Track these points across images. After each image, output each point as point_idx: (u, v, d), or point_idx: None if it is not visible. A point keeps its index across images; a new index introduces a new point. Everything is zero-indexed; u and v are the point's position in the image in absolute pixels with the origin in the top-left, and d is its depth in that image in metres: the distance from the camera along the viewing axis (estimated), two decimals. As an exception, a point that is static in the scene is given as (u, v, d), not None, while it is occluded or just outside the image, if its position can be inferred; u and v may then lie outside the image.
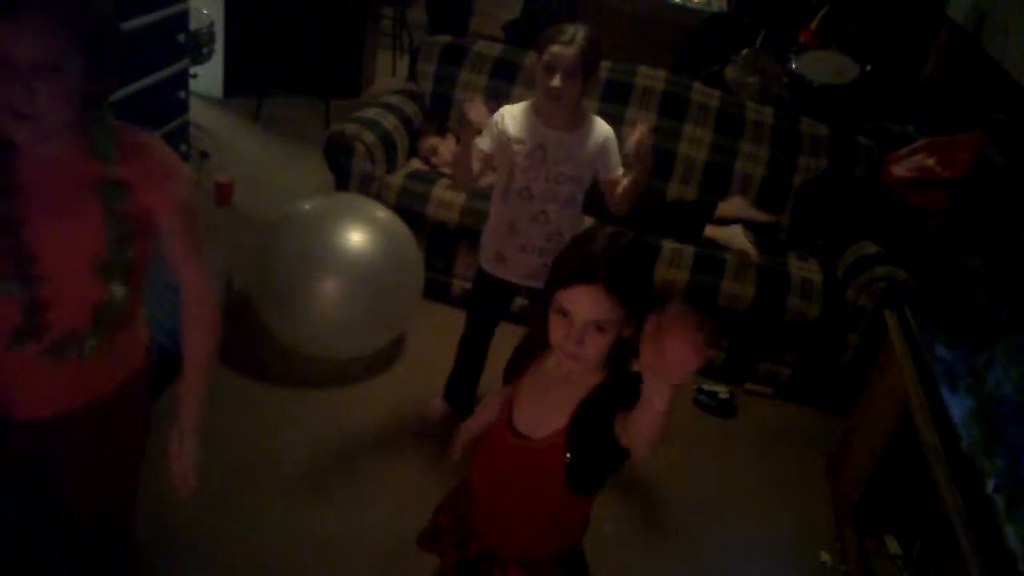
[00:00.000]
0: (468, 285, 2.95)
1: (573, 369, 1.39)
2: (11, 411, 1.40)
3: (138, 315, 1.48)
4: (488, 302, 2.60)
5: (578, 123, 2.32)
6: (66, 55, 1.18)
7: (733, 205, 3.48)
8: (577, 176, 2.33)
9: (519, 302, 2.75)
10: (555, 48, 2.17)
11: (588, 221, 3.26)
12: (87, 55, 1.20)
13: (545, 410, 1.44)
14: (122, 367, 1.48)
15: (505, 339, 2.68)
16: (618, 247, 1.33)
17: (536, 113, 2.31)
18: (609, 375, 1.39)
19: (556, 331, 1.35)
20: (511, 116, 2.33)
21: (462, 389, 2.79)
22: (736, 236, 3.34)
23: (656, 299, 1.36)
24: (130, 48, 3.01)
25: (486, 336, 2.67)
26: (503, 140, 2.31)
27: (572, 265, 1.34)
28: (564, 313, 1.33)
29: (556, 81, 2.17)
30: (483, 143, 2.31)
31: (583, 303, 1.31)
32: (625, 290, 1.30)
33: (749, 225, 3.42)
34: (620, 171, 2.36)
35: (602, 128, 2.35)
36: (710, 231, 3.39)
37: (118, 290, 1.37)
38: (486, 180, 2.43)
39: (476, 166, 2.32)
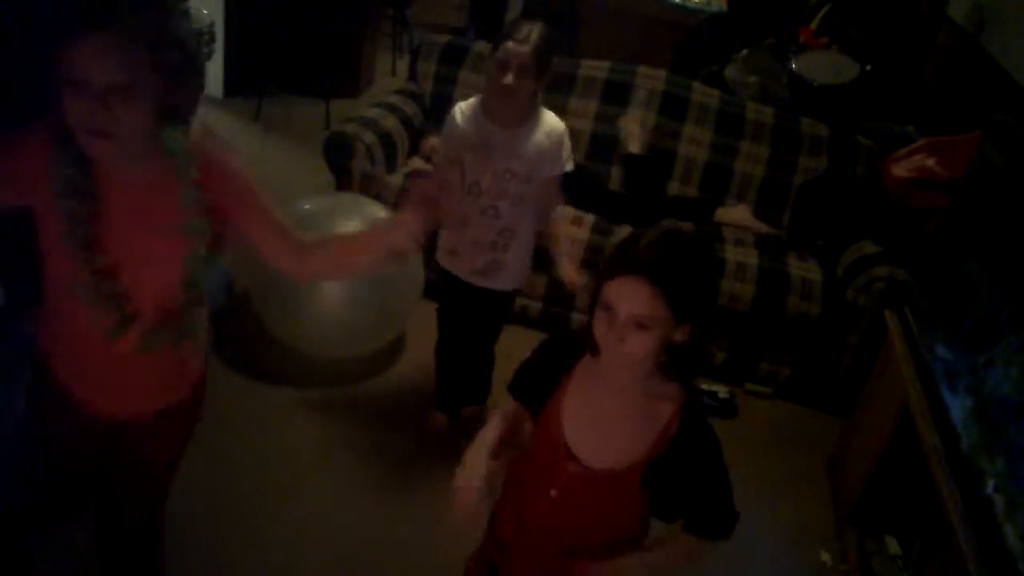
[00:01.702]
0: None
1: (622, 374, 1.33)
2: (83, 396, 1.49)
3: (198, 340, 1.55)
4: (453, 301, 2.57)
5: (526, 119, 2.28)
6: (140, 73, 1.21)
7: (734, 214, 3.48)
8: (524, 173, 2.30)
9: (519, 302, 2.75)
10: (509, 45, 2.15)
11: (574, 213, 3.28)
12: (160, 71, 1.24)
13: (609, 433, 1.36)
14: (190, 375, 1.57)
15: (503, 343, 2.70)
16: (667, 241, 1.26)
17: (484, 109, 2.29)
18: (684, 402, 1.34)
19: (599, 327, 1.28)
20: (462, 112, 2.32)
21: (450, 397, 2.76)
22: (745, 216, 3.37)
23: (711, 304, 1.34)
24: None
25: (460, 339, 2.63)
26: (455, 136, 2.31)
27: (619, 257, 1.28)
28: (607, 307, 1.26)
29: (508, 78, 2.15)
30: (451, 152, 2.32)
31: (625, 296, 1.24)
32: (671, 285, 1.23)
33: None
34: (566, 170, 2.33)
35: (554, 125, 2.32)
36: (719, 214, 3.41)
37: (195, 299, 1.45)
38: None
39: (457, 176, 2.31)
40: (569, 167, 2.35)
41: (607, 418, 1.37)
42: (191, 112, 1.38)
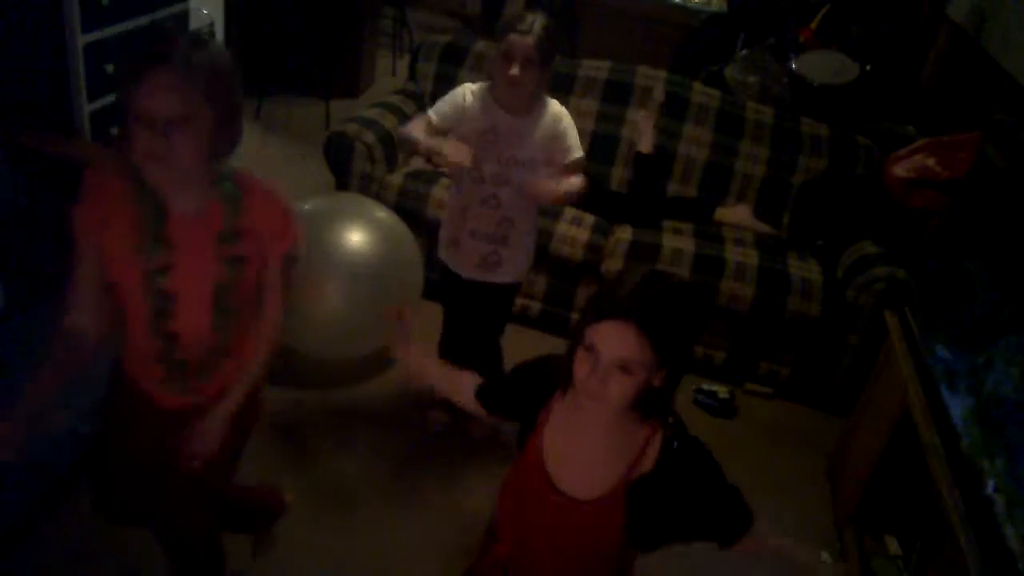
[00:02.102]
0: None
1: (599, 412, 1.32)
2: (153, 394, 1.67)
3: (253, 341, 1.68)
4: (456, 298, 2.58)
5: (532, 108, 2.30)
6: (197, 107, 1.36)
7: (734, 214, 3.48)
8: (529, 161, 2.31)
9: (519, 303, 2.75)
10: (513, 37, 2.16)
11: (574, 213, 3.28)
12: (214, 106, 1.39)
13: (589, 466, 1.37)
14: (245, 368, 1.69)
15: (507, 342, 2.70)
16: (657, 287, 1.25)
17: (492, 95, 2.31)
18: (665, 438, 1.34)
19: (580, 368, 1.26)
20: (472, 93, 2.33)
21: None
22: (745, 216, 3.37)
23: (690, 351, 1.34)
24: (130, 48, 3.01)
25: (463, 337, 2.63)
26: (462, 115, 2.30)
27: (605, 299, 1.26)
28: (591, 349, 1.25)
29: (514, 70, 2.17)
30: (441, 118, 2.31)
31: (611, 340, 1.23)
32: (658, 332, 1.22)
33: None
34: (575, 158, 2.33)
35: (558, 113, 2.33)
36: (719, 214, 3.41)
37: (225, 327, 1.60)
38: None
39: (426, 134, 2.31)
40: (580, 153, 2.35)
41: (586, 449, 1.37)
42: (232, 148, 1.52)
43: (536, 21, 2.17)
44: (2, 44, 2.67)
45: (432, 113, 2.34)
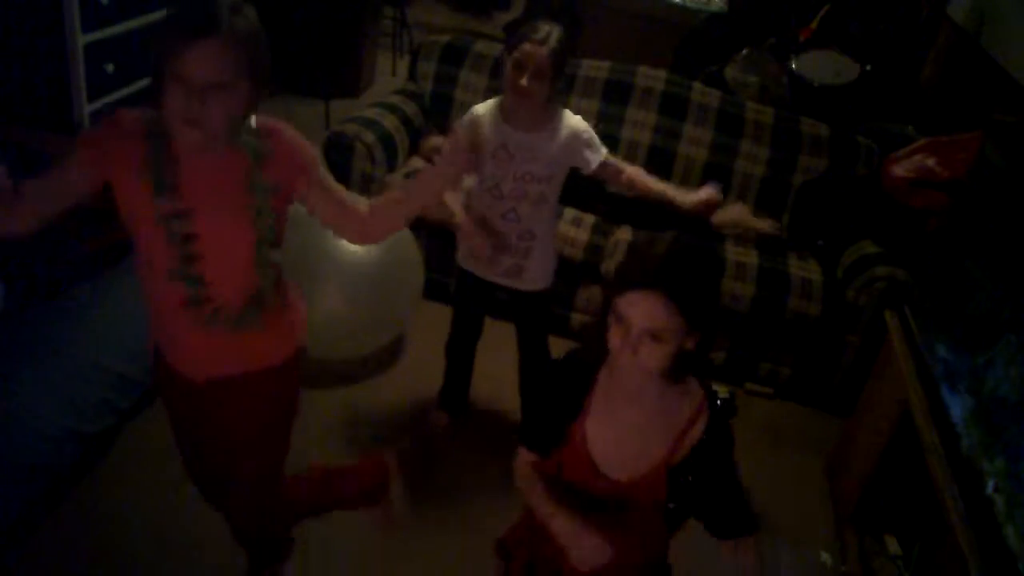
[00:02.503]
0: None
1: (637, 381, 1.34)
2: (180, 368, 1.67)
3: (286, 304, 1.70)
4: (471, 301, 2.58)
5: (545, 122, 2.27)
6: (235, 75, 1.40)
7: (732, 212, 3.48)
8: (546, 175, 2.30)
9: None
10: (527, 46, 2.14)
11: (574, 213, 3.28)
12: (251, 74, 1.42)
13: (633, 443, 1.38)
14: (274, 349, 1.70)
15: (492, 338, 2.69)
16: (680, 254, 1.28)
17: (502, 112, 2.28)
18: (707, 413, 1.36)
19: (614, 338, 1.30)
20: (480, 114, 2.31)
21: (456, 395, 2.78)
22: (743, 213, 3.37)
23: (715, 307, 1.35)
24: (130, 47, 3.02)
25: (472, 337, 2.66)
26: (476, 138, 2.29)
27: (631, 270, 1.29)
28: (621, 319, 1.28)
29: (525, 80, 2.14)
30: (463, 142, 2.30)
31: (640, 310, 1.26)
32: (685, 298, 1.25)
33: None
34: (603, 155, 2.33)
35: (571, 123, 2.31)
36: (717, 218, 3.41)
37: (267, 276, 1.59)
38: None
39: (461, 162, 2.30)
40: (604, 151, 2.35)
41: (629, 429, 1.39)
42: (256, 106, 1.54)
43: (552, 32, 2.15)
44: (2, 44, 2.68)
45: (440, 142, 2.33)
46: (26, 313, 2.52)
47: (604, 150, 2.35)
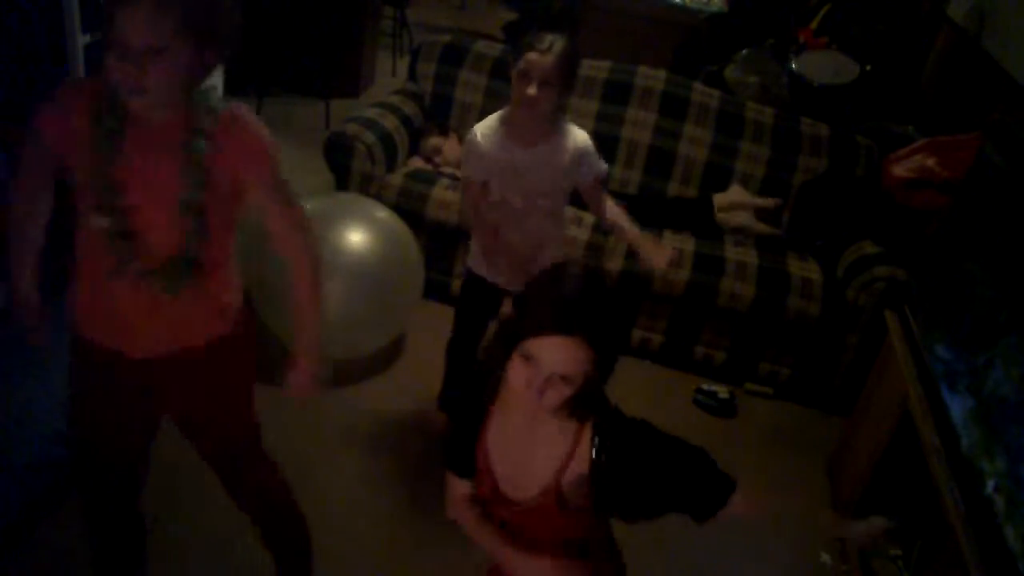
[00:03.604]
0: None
1: (535, 416, 1.31)
2: (121, 346, 1.60)
3: (226, 276, 1.64)
4: (478, 304, 2.57)
5: (550, 134, 2.25)
6: (174, 38, 1.35)
7: (732, 194, 3.48)
8: (554, 190, 2.30)
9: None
10: (532, 56, 2.11)
11: (574, 213, 3.28)
12: (193, 37, 1.38)
13: (526, 467, 1.36)
14: (212, 321, 1.65)
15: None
16: (598, 296, 1.23)
17: (506, 129, 2.26)
18: (596, 430, 1.31)
19: (517, 377, 1.22)
20: (483, 136, 2.28)
21: (456, 396, 2.78)
22: (746, 216, 3.40)
23: (625, 341, 1.31)
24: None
25: (475, 339, 2.64)
26: (484, 161, 2.26)
27: (544, 312, 1.21)
28: (529, 358, 1.20)
29: (532, 89, 2.11)
30: (474, 174, 2.29)
31: (555, 354, 1.19)
32: (601, 341, 1.20)
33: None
34: (598, 171, 2.33)
35: (577, 136, 2.29)
36: (718, 202, 3.41)
37: (193, 231, 1.52)
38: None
39: (478, 198, 2.30)
40: (604, 166, 2.35)
41: (521, 450, 1.36)
42: (211, 71, 1.50)
43: (556, 41, 2.12)
44: (2, 44, 2.68)
45: (471, 178, 2.30)
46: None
47: (604, 166, 2.35)
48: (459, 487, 1.48)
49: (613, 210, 2.43)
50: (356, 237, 2.71)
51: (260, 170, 1.56)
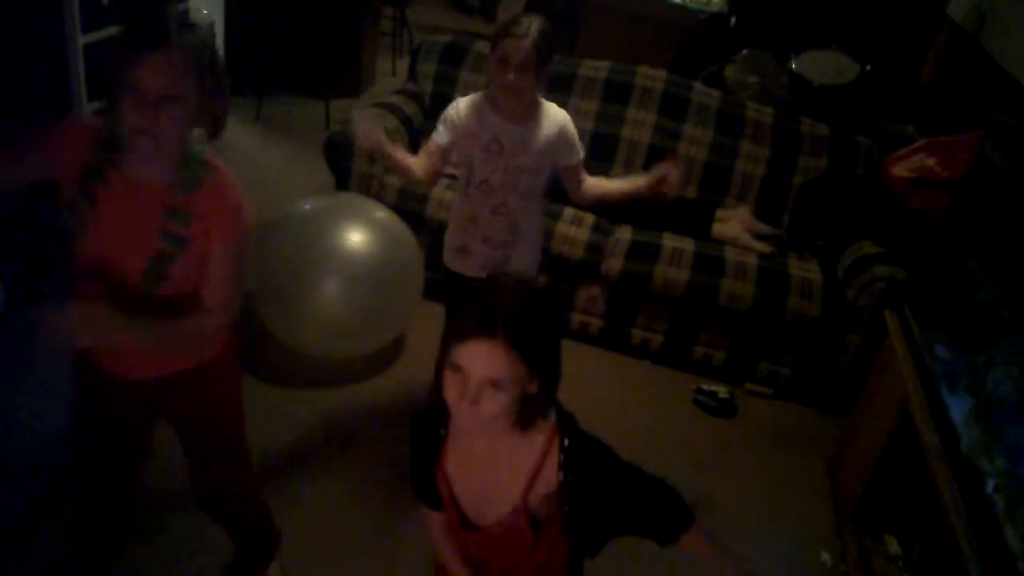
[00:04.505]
0: (468, 285, 2.95)
1: (480, 432, 1.29)
2: (118, 369, 1.71)
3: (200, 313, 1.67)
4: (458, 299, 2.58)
5: (532, 114, 2.28)
6: (185, 88, 1.47)
7: (730, 229, 3.45)
8: (535, 167, 2.31)
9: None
10: (509, 41, 2.13)
11: (574, 213, 3.28)
12: (201, 85, 1.50)
13: (489, 489, 1.34)
14: (199, 348, 1.74)
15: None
16: (520, 299, 1.22)
17: (490, 105, 2.28)
18: (564, 447, 1.30)
19: (450, 389, 1.21)
20: (466, 108, 2.29)
21: None
22: (745, 218, 3.38)
23: (559, 354, 1.30)
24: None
25: None
26: (460, 133, 2.28)
27: (469, 318, 1.20)
28: (458, 369, 1.20)
29: (510, 74, 2.14)
30: (440, 138, 2.30)
31: (479, 359, 1.18)
32: (528, 345, 1.19)
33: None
34: (580, 157, 2.35)
35: (557, 115, 2.32)
36: (717, 231, 3.40)
37: (149, 289, 1.59)
38: (447, 169, 2.41)
39: (431, 161, 2.30)
40: (583, 152, 2.36)
41: (484, 473, 1.35)
42: (221, 129, 1.62)
43: (532, 24, 2.15)
44: (2, 44, 2.67)
45: (435, 140, 2.31)
46: (26, 313, 2.52)
47: (582, 153, 2.36)
48: (433, 517, 1.48)
49: (600, 181, 2.44)
50: (356, 237, 2.71)
51: (228, 231, 1.60)
